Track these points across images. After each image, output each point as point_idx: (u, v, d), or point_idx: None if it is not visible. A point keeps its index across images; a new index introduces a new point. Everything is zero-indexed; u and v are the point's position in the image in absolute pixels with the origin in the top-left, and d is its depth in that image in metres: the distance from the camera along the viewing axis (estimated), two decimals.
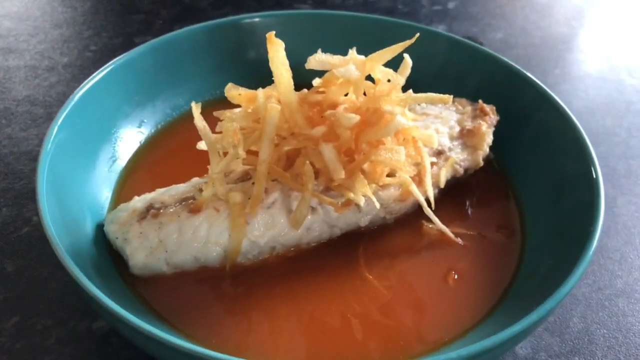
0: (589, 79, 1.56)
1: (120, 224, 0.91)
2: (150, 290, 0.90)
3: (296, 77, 0.90)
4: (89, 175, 1.01)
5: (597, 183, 0.94)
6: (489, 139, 1.08)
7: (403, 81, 0.93)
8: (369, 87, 0.93)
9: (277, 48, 0.88)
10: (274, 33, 0.88)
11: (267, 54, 0.89)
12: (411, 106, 1.07)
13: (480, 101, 1.13)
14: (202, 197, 0.91)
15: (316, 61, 0.90)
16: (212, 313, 0.88)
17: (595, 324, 0.97)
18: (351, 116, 0.87)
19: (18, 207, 1.09)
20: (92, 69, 1.24)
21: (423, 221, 1.01)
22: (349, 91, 0.93)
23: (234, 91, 0.92)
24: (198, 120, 0.90)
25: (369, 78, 0.93)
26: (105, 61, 1.13)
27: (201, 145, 0.93)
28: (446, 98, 0.95)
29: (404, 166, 0.94)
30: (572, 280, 0.80)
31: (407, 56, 0.94)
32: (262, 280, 0.92)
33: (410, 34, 0.95)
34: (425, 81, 1.11)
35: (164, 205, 0.92)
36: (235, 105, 0.93)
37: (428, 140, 0.97)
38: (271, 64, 0.89)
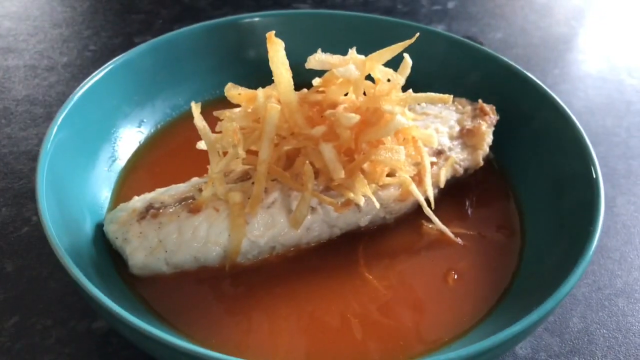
0: (589, 79, 1.56)
1: (119, 224, 0.91)
2: (149, 290, 0.90)
3: (296, 77, 0.90)
4: (89, 175, 1.01)
5: (597, 183, 0.94)
6: (489, 139, 1.08)
7: (403, 81, 0.93)
8: (369, 87, 0.93)
9: (277, 48, 0.88)
10: (274, 33, 0.88)
11: (267, 54, 0.88)
12: (411, 106, 1.07)
13: (480, 101, 1.13)
14: (202, 197, 0.91)
15: (316, 61, 0.90)
16: (212, 313, 0.88)
17: (595, 324, 0.97)
18: (351, 116, 0.87)
19: (17, 207, 1.09)
20: (92, 69, 1.24)
21: (423, 221, 1.01)
22: (349, 91, 0.93)
23: (234, 91, 0.92)
24: (198, 119, 0.90)
25: (369, 78, 0.93)
26: (104, 61, 1.13)
27: (201, 145, 0.93)
28: (446, 98, 0.95)
29: (404, 166, 0.93)
30: (572, 280, 0.80)
31: (407, 56, 0.94)
32: (262, 280, 0.92)
33: (409, 34, 0.95)
34: (424, 81, 1.11)
35: (164, 205, 0.92)
36: (235, 105, 0.93)
37: (428, 140, 0.97)
38: (271, 64, 0.89)
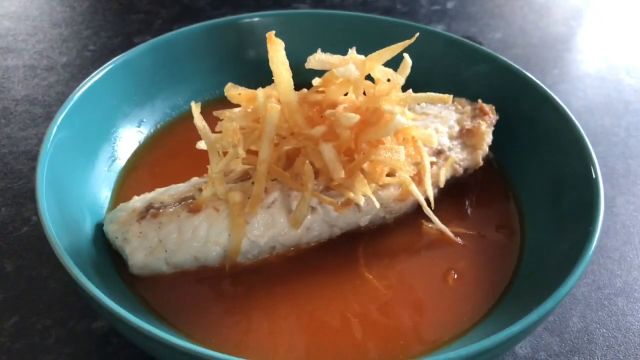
0: (588, 79, 1.57)
1: (119, 224, 0.91)
2: (149, 290, 0.89)
3: (295, 77, 0.90)
4: (89, 174, 1.01)
5: (597, 183, 0.94)
6: (489, 139, 1.08)
7: (403, 81, 0.93)
8: (369, 87, 0.93)
9: (277, 48, 0.88)
10: (274, 33, 0.88)
11: (267, 54, 0.88)
12: (410, 106, 1.07)
13: (479, 101, 1.13)
14: (202, 197, 0.91)
15: (316, 61, 0.90)
16: (212, 313, 0.88)
17: (594, 324, 0.97)
18: (351, 116, 0.87)
19: (17, 207, 1.09)
20: (91, 69, 1.24)
21: (423, 221, 1.01)
22: (349, 91, 0.93)
23: (234, 91, 0.92)
24: (198, 119, 0.90)
25: (369, 78, 0.93)
26: (104, 61, 1.13)
27: (201, 144, 0.93)
28: (446, 97, 0.95)
29: (404, 166, 0.94)
30: (572, 280, 0.80)
31: (407, 56, 0.94)
32: (262, 280, 0.92)
33: (409, 34, 0.95)
34: (424, 81, 1.11)
35: (164, 205, 0.92)
36: (234, 104, 0.93)
37: (428, 139, 0.97)
38: (271, 64, 0.89)
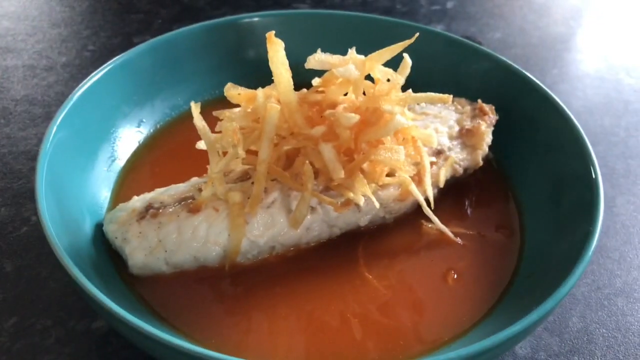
0: (587, 79, 1.57)
1: (119, 224, 0.91)
2: (149, 290, 0.89)
3: (295, 77, 0.90)
4: (88, 174, 1.01)
5: (597, 183, 0.94)
6: (488, 139, 1.08)
7: (403, 81, 0.93)
8: (369, 87, 0.93)
9: (277, 48, 0.88)
10: (274, 33, 0.88)
11: (267, 54, 0.88)
12: (410, 106, 1.07)
13: (479, 101, 1.13)
14: (202, 197, 0.90)
15: (316, 61, 0.90)
16: (212, 313, 0.88)
17: (594, 324, 0.97)
18: (351, 116, 0.87)
19: (17, 207, 1.09)
20: (91, 69, 1.24)
21: (422, 221, 1.01)
22: (349, 91, 0.93)
23: (234, 91, 0.92)
24: (197, 119, 0.90)
25: (369, 78, 0.93)
26: (103, 61, 1.13)
27: (200, 144, 0.93)
28: (446, 97, 0.95)
29: (404, 166, 0.93)
30: (572, 280, 0.80)
31: (407, 56, 0.94)
32: (262, 280, 0.92)
33: (409, 34, 0.95)
34: (424, 81, 1.10)
35: (163, 205, 0.92)
36: (234, 105, 0.93)
37: (427, 139, 0.97)
38: (271, 64, 0.89)
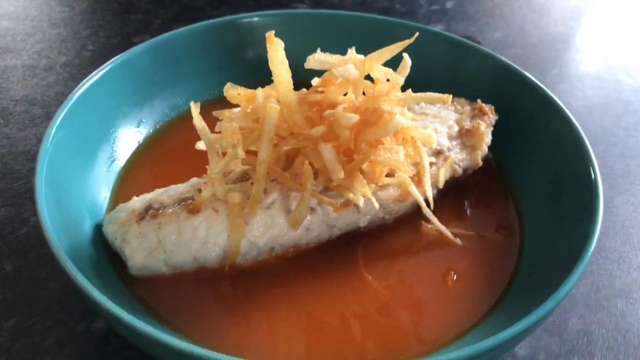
0: (587, 79, 1.57)
1: (119, 225, 0.91)
2: (149, 290, 0.89)
3: (295, 77, 0.90)
4: (88, 175, 1.01)
5: (596, 184, 0.94)
6: (488, 139, 1.08)
7: (402, 81, 0.93)
8: (368, 87, 0.93)
9: (277, 48, 0.88)
10: (274, 32, 0.88)
11: (266, 54, 0.88)
12: (410, 106, 1.07)
13: (479, 101, 1.13)
14: (201, 198, 0.90)
15: (315, 61, 0.90)
16: (211, 313, 0.88)
17: (594, 324, 0.97)
18: (350, 116, 0.87)
19: (16, 207, 1.09)
20: (90, 69, 1.24)
21: (422, 221, 1.01)
22: (348, 91, 0.93)
23: (233, 91, 0.92)
24: (197, 120, 0.90)
25: (368, 78, 0.93)
26: (103, 61, 1.13)
27: (200, 145, 0.93)
28: (445, 98, 0.95)
29: (403, 166, 0.93)
30: (572, 280, 0.80)
31: (407, 55, 0.94)
32: (261, 280, 0.92)
33: (408, 34, 0.95)
34: (423, 81, 1.11)
35: (163, 205, 0.92)
36: (234, 105, 0.93)
37: (427, 140, 0.97)
38: (270, 64, 0.88)
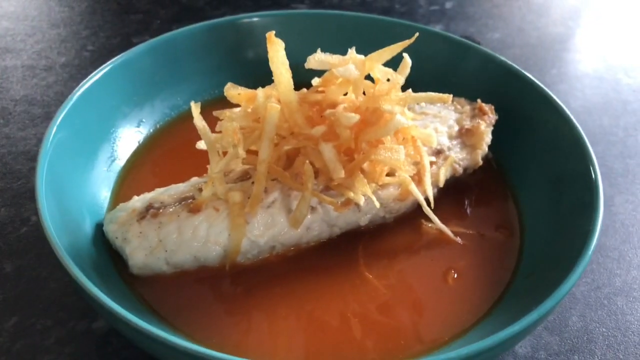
0: (586, 79, 1.57)
1: (119, 224, 0.91)
2: (149, 289, 0.89)
3: (295, 77, 0.90)
4: (88, 175, 1.01)
5: (596, 183, 0.94)
6: (488, 138, 1.08)
7: (402, 80, 0.93)
8: (369, 87, 0.93)
9: (277, 48, 0.88)
10: (274, 33, 0.88)
11: (266, 54, 0.88)
12: (410, 105, 1.07)
13: (478, 100, 1.13)
14: (202, 197, 0.90)
15: (316, 61, 0.90)
16: (212, 312, 0.88)
17: (594, 323, 0.98)
18: (351, 115, 0.87)
19: (16, 207, 1.09)
20: (90, 69, 1.24)
21: (422, 220, 1.01)
22: (349, 91, 0.93)
23: (234, 91, 0.92)
24: (197, 119, 0.90)
25: (369, 78, 0.93)
26: (103, 61, 1.13)
27: (200, 144, 0.93)
28: (445, 97, 0.96)
29: (404, 165, 0.94)
30: (572, 279, 0.80)
31: (407, 55, 0.94)
32: (262, 279, 0.92)
33: (408, 34, 0.95)
34: (423, 81, 1.10)
35: (164, 205, 0.92)
36: (234, 105, 0.93)
37: (427, 139, 0.97)
38: (271, 64, 0.89)
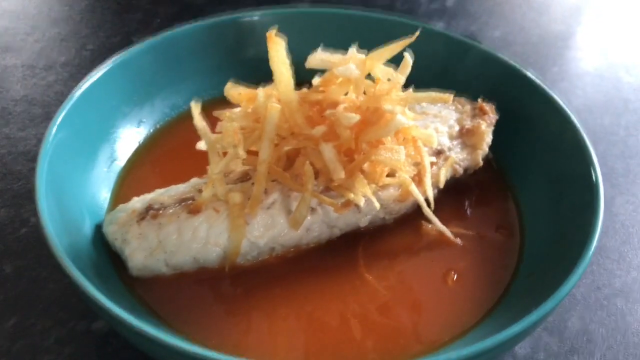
0: (587, 77, 1.56)
1: (119, 225, 0.90)
2: (149, 291, 0.89)
3: (295, 75, 0.89)
4: (88, 175, 1.01)
5: (597, 183, 0.93)
6: (489, 138, 1.08)
7: (403, 80, 0.93)
8: (369, 86, 0.93)
9: (278, 47, 0.87)
10: (275, 31, 0.88)
11: (267, 52, 0.88)
12: (410, 105, 1.07)
13: (479, 100, 1.12)
14: (202, 198, 0.90)
15: (316, 60, 0.89)
16: (212, 314, 0.88)
17: (594, 324, 0.97)
18: (351, 115, 0.87)
19: (16, 208, 1.08)
20: (90, 68, 1.22)
21: (422, 221, 1.00)
22: (349, 90, 0.93)
23: (234, 90, 0.92)
24: (197, 120, 0.90)
25: (369, 77, 0.93)
26: (103, 60, 1.12)
27: (200, 145, 0.92)
28: (446, 97, 0.95)
29: (404, 166, 0.93)
30: (572, 280, 0.80)
31: (408, 55, 0.93)
32: (262, 281, 0.92)
33: (409, 32, 0.94)
34: (423, 79, 1.09)
35: (163, 206, 0.92)
36: (234, 104, 0.93)
37: (428, 139, 0.96)
38: (271, 63, 0.88)
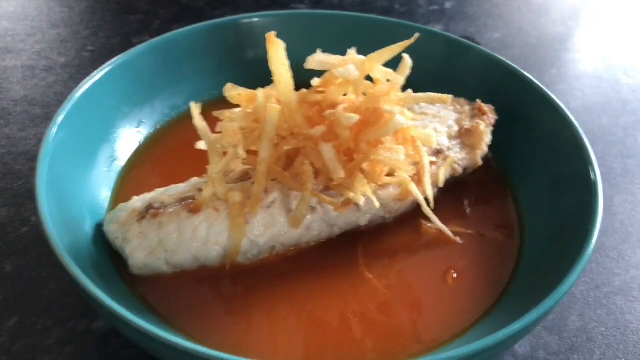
0: (586, 79, 1.57)
1: (119, 224, 0.91)
2: (150, 289, 0.90)
3: (295, 77, 0.90)
4: (88, 175, 1.01)
5: (596, 183, 0.94)
6: (488, 139, 1.08)
7: (402, 81, 0.94)
8: (368, 87, 0.93)
9: (278, 48, 0.88)
10: (274, 33, 0.88)
11: (266, 54, 0.88)
12: (409, 106, 1.07)
13: (478, 100, 1.13)
14: (202, 197, 0.91)
15: (316, 61, 0.90)
16: (212, 312, 0.88)
17: (593, 322, 0.98)
18: (351, 116, 0.87)
19: (16, 207, 1.09)
20: (90, 69, 1.23)
21: (422, 220, 1.01)
22: (349, 91, 0.93)
23: (234, 91, 0.92)
24: (197, 120, 0.90)
25: (369, 78, 0.93)
26: (103, 61, 1.13)
27: (200, 145, 0.93)
28: (445, 98, 0.96)
29: (403, 165, 0.94)
30: (571, 279, 0.81)
31: (407, 56, 0.94)
32: (262, 279, 0.92)
33: (408, 34, 0.95)
34: (423, 81, 1.11)
35: (164, 205, 0.92)
36: (234, 105, 0.93)
37: (427, 139, 0.97)
38: (271, 64, 0.89)
